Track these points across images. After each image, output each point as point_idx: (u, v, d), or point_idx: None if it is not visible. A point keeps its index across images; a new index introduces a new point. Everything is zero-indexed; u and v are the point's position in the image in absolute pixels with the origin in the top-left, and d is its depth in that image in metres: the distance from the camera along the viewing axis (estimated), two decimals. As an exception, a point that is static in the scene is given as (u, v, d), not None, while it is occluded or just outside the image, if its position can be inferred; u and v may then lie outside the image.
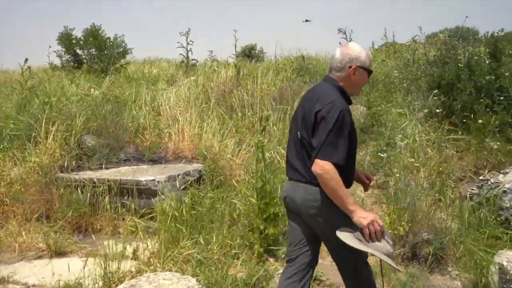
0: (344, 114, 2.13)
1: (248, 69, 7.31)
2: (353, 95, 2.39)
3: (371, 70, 2.35)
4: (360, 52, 2.29)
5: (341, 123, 2.12)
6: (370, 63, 2.32)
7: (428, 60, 6.33)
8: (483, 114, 5.07)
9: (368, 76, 2.32)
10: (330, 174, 2.06)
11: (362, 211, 2.11)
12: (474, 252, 3.48)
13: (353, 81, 2.27)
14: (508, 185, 3.95)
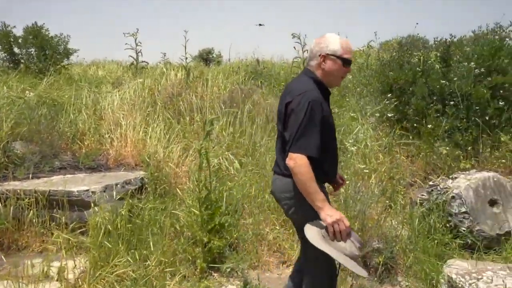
0: (313, 105, 2.11)
1: (199, 72, 7.02)
2: (333, 86, 2.34)
3: (345, 58, 2.23)
4: (332, 40, 2.24)
5: (310, 114, 2.10)
6: (344, 51, 2.23)
7: (382, 63, 6.30)
8: (433, 118, 5.05)
9: (344, 65, 2.23)
10: (302, 168, 2.05)
11: (330, 208, 2.06)
12: (424, 261, 3.37)
13: (326, 70, 2.23)
14: (456, 191, 3.89)
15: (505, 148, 4.65)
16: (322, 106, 2.16)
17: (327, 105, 2.27)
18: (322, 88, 2.25)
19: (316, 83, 2.25)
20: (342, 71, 2.26)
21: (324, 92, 2.27)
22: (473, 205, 3.81)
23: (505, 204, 3.84)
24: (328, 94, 2.32)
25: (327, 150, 2.21)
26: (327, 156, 2.22)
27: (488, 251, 3.70)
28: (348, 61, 2.25)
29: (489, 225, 3.76)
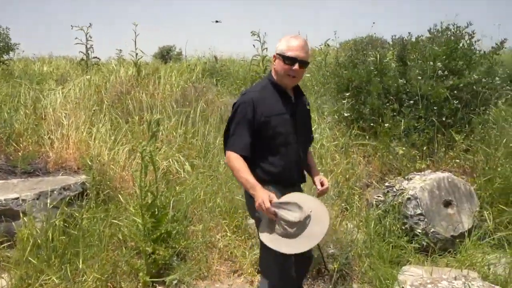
0: (240, 106, 2.28)
1: (152, 69, 6.68)
2: (286, 85, 2.36)
3: (286, 55, 2.27)
4: (282, 40, 2.31)
5: (236, 115, 2.29)
6: (288, 49, 2.27)
7: (338, 61, 6.20)
8: (390, 118, 4.99)
9: (286, 62, 2.27)
10: (231, 163, 2.24)
11: (258, 192, 2.13)
12: (379, 267, 3.25)
13: (275, 70, 2.33)
14: (411, 192, 3.81)
15: (458, 148, 4.64)
16: (255, 107, 2.26)
17: (278, 104, 2.32)
18: (277, 89, 2.34)
19: (272, 84, 2.35)
20: (285, 68, 2.28)
21: (280, 92, 2.33)
22: (428, 207, 3.74)
23: (459, 205, 3.80)
24: (283, 94, 2.34)
25: (267, 150, 2.31)
26: (267, 155, 2.31)
27: (443, 254, 3.64)
28: (288, 58, 2.26)
29: (444, 227, 3.69)
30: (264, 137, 2.30)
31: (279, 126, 2.29)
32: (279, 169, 2.34)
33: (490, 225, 3.50)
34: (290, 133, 2.34)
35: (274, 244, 2.10)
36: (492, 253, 3.32)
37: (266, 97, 2.33)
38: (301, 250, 2.08)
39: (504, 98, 5.02)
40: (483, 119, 4.84)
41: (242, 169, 2.21)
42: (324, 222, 2.14)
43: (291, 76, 2.30)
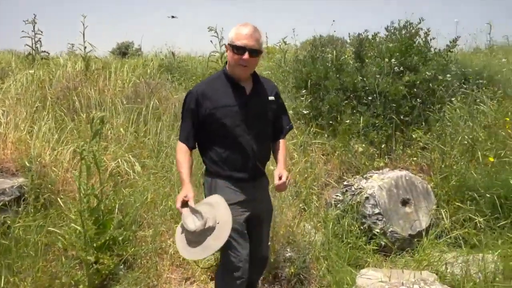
0: (186, 97, 2.33)
1: (102, 63, 6.30)
2: (240, 76, 2.29)
3: (234, 44, 2.19)
4: (232, 29, 2.24)
5: (183, 106, 2.35)
6: (237, 37, 2.19)
7: (297, 58, 6.08)
8: (349, 115, 4.91)
9: (235, 52, 2.20)
10: (176, 153, 2.34)
11: (182, 189, 2.20)
12: (337, 270, 3.13)
13: (228, 60, 2.28)
14: (370, 191, 3.73)
15: (416, 146, 4.62)
16: (200, 99, 2.25)
17: (227, 96, 2.27)
18: (229, 80, 2.30)
19: (225, 76, 2.31)
20: (235, 59, 2.21)
21: (231, 84, 2.28)
22: (386, 206, 3.67)
23: (416, 203, 3.75)
24: (235, 86, 2.29)
25: (213, 142, 2.30)
26: (214, 148, 2.30)
27: (401, 253, 3.58)
28: (237, 47, 2.18)
29: (402, 226, 3.64)
30: (210, 129, 2.29)
31: (225, 118, 2.24)
32: (226, 162, 2.30)
33: (446, 223, 3.47)
34: (237, 126, 2.26)
35: (178, 241, 2.15)
36: (449, 251, 3.28)
37: (214, 88, 2.29)
38: (193, 257, 2.25)
39: (458, 96, 5.05)
40: (439, 116, 4.85)
41: (180, 162, 2.28)
42: (220, 239, 2.09)
43: (242, 66, 2.23)
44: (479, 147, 4.13)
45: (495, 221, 3.41)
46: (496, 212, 3.47)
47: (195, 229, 2.06)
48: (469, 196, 3.65)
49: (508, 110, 4.67)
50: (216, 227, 2.11)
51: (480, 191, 3.59)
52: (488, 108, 4.78)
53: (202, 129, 2.31)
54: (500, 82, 5.66)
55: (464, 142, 4.30)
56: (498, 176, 3.67)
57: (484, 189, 3.56)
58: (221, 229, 2.10)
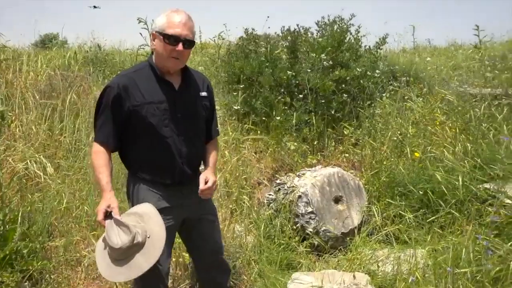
0: (105, 89, 2.00)
1: (13, 54, 5.64)
2: (170, 69, 2.03)
3: (166, 33, 1.91)
4: (161, 15, 1.96)
5: (99, 101, 2.03)
6: (169, 25, 1.92)
7: (230, 51, 5.87)
8: (281, 111, 4.78)
9: (167, 42, 1.91)
10: (91, 156, 2.01)
11: (103, 199, 1.91)
12: (269, 274, 2.97)
13: (156, 50, 1.98)
14: (302, 189, 3.62)
15: (348, 142, 4.61)
16: (122, 94, 1.95)
17: (153, 91, 2.00)
18: (155, 74, 2.02)
19: (150, 68, 2.03)
20: (166, 49, 1.93)
21: (157, 78, 2.01)
22: (319, 204, 3.58)
23: (348, 200, 3.70)
24: (161, 80, 2.02)
25: (137, 143, 2.04)
26: (138, 150, 2.04)
27: (334, 252, 3.50)
28: (169, 36, 1.91)
29: (334, 224, 3.56)
30: (133, 129, 2.01)
31: (150, 116, 1.97)
32: (151, 166, 2.05)
33: (378, 220, 3.44)
34: (164, 126, 2.01)
35: (99, 259, 1.85)
36: (380, 249, 3.25)
37: (138, 82, 1.99)
38: (117, 279, 1.87)
39: (388, 93, 5.13)
40: (369, 113, 4.89)
41: (98, 166, 1.97)
42: (151, 257, 1.81)
43: (174, 58, 1.96)
44: (407, 143, 4.18)
45: (423, 216, 3.43)
46: (424, 207, 3.50)
47: (121, 245, 1.76)
48: (398, 192, 3.66)
49: (434, 107, 4.80)
50: (146, 242, 1.82)
51: (408, 186, 3.60)
52: (415, 104, 4.89)
53: (124, 129, 2.02)
54: (425, 80, 5.86)
55: (393, 138, 4.34)
56: (425, 171, 3.72)
57: (412, 185, 3.58)
58: (152, 245, 1.82)
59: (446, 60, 7.49)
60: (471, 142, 4.10)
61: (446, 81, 6.06)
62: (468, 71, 6.54)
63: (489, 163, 3.68)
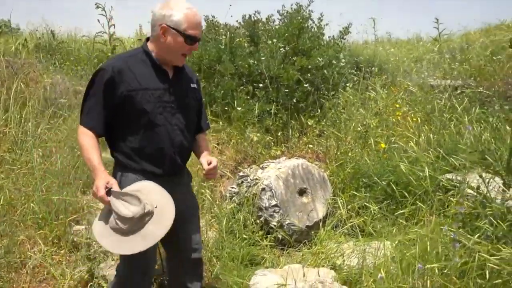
0: (98, 72, 1.93)
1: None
2: (172, 63, 2.01)
3: (189, 35, 1.91)
4: (177, 9, 1.90)
5: (92, 83, 1.95)
6: (189, 25, 1.90)
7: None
8: (244, 101, 4.63)
9: (187, 41, 1.92)
10: (78, 138, 1.94)
11: (97, 176, 1.84)
12: (231, 270, 2.83)
13: (165, 44, 1.92)
14: (266, 182, 3.49)
15: (312, 133, 4.52)
16: (116, 77, 1.89)
17: (148, 78, 1.95)
18: (151, 61, 1.98)
19: (145, 55, 1.99)
20: (185, 48, 1.94)
21: (153, 65, 1.97)
22: (283, 197, 3.46)
23: (313, 192, 3.61)
24: (157, 68, 1.98)
25: (128, 130, 1.96)
26: (128, 136, 1.96)
27: (298, 246, 3.41)
28: (193, 38, 1.93)
29: (299, 217, 3.46)
30: (126, 115, 1.94)
31: (145, 103, 1.93)
32: (141, 155, 1.98)
33: (343, 213, 3.37)
34: (159, 113, 1.97)
35: (105, 238, 1.79)
36: (345, 242, 3.17)
37: (133, 67, 1.95)
38: (130, 251, 1.77)
39: (351, 83, 5.09)
40: (333, 103, 4.82)
41: (87, 147, 1.88)
42: (164, 223, 1.83)
43: (184, 56, 2.00)
44: (371, 134, 4.13)
45: (387, 207, 3.39)
46: (389, 199, 3.46)
47: (134, 214, 1.74)
48: (363, 184, 3.61)
49: (397, 97, 4.80)
50: (155, 212, 1.82)
51: (373, 178, 3.55)
52: (379, 95, 4.86)
53: (114, 114, 1.96)
54: (388, 71, 5.87)
55: (357, 128, 4.29)
56: (389, 162, 3.68)
57: (377, 176, 3.53)
58: (161, 213, 1.83)
59: (408, 53, 7.58)
60: (434, 132, 4.11)
61: (408, 72, 6.11)
62: (429, 63, 6.64)
63: (451, 153, 3.69)
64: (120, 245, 1.78)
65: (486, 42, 6.57)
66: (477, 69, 5.98)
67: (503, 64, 5.80)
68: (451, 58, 6.38)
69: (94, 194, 1.82)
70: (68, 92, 4.95)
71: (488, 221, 2.64)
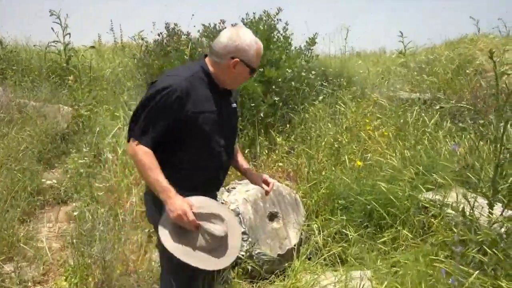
0: (164, 89, 1.83)
1: None
2: (227, 87, 2.04)
3: (255, 68, 2.00)
4: (250, 45, 1.93)
5: (154, 98, 1.84)
6: (257, 60, 1.97)
7: (148, 48, 5.25)
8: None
9: (251, 74, 2.01)
10: (138, 157, 1.84)
11: (174, 200, 1.81)
12: None
13: (232, 74, 1.96)
14: (233, 206, 3.12)
15: (281, 150, 4.21)
16: (184, 97, 1.86)
17: (209, 99, 1.95)
18: (210, 81, 1.98)
19: (205, 74, 1.97)
20: (246, 78, 2.06)
21: (211, 86, 1.98)
22: (252, 222, 3.11)
23: (285, 216, 3.28)
24: (215, 89, 1.99)
25: (184, 150, 1.95)
26: (184, 156, 1.96)
27: (270, 277, 3.05)
28: (255, 70, 2.02)
29: (270, 245, 3.11)
30: (186, 135, 1.93)
31: (205, 125, 1.94)
32: (195, 173, 1.99)
33: (319, 240, 3.05)
34: (214, 136, 1.99)
35: (189, 258, 1.80)
36: (322, 272, 2.85)
37: (196, 87, 1.92)
38: (222, 265, 1.90)
39: (321, 95, 4.84)
40: (301, 117, 4.55)
41: (153, 168, 1.83)
42: (237, 234, 2.02)
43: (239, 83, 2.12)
44: (344, 151, 3.87)
45: (365, 232, 3.11)
46: (366, 221, 3.19)
47: (224, 232, 1.88)
48: (339, 205, 3.31)
49: (367, 111, 4.58)
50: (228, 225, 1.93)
51: (350, 199, 3.27)
52: (348, 109, 4.64)
53: (175, 134, 1.92)
54: (357, 83, 5.69)
55: (328, 145, 4.02)
56: (365, 182, 3.41)
57: (354, 197, 3.25)
58: (232, 226, 1.96)
59: (374, 65, 7.49)
60: (408, 148, 3.90)
61: (376, 85, 5.96)
62: (395, 76, 6.54)
63: (429, 170, 3.48)
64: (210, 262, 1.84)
65: (452, 56, 6.54)
66: (445, 82, 5.91)
67: (471, 77, 5.75)
68: (418, 71, 6.30)
69: (180, 218, 1.79)
70: (9, 106, 4.43)
71: (477, 249, 2.42)
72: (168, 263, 1.98)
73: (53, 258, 2.98)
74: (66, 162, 4.16)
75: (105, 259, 2.37)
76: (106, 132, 4.23)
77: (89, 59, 6.93)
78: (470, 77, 5.72)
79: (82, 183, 3.65)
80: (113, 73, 6.95)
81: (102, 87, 6.13)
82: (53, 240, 3.24)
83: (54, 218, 3.55)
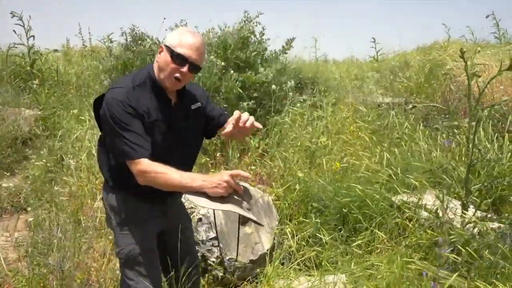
0: (117, 104, 1.76)
1: None
2: (167, 87, 1.87)
3: (176, 52, 1.79)
4: (180, 32, 1.87)
5: (116, 116, 1.76)
6: (179, 44, 1.79)
7: (111, 52, 5.08)
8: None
9: (174, 60, 1.79)
10: (152, 174, 1.75)
11: (210, 180, 1.77)
12: None
13: (158, 63, 1.85)
14: (203, 211, 2.99)
15: (254, 153, 4.10)
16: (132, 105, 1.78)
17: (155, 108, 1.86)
18: (156, 88, 1.88)
19: (151, 81, 1.88)
20: (172, 68, 1.81)
21: (158, 93, 1.88)
22: (223, 228, 2.98)
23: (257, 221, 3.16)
24: (162, 96, 1.89)
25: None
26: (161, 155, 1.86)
27: (242, 284, 2.93)
28: (178, 55, 1.80)
29: (242, 251, 2.99)
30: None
31: (156, 134, 1.86)
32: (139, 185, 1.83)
33: (292, 244, 2.94)
34: (164, 144, 1.89)
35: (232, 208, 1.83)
36: (296, 278, 2.74)
37: (141, 97, 1.83)
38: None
39: (297, 100, 4.78)
40: (276, 121, 4.47)
41: (167, 173, 1.76)
42: None
43: (175, 79, 1.83)
44: (321, 153, 3.80)
45: (339, 235, 3.03)
46: (340, 224, 3.11)
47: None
48: (313, 208, 3.22)
49: (345, 115, 4.55)
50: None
51: (324, 201, 3.19)
52: (326, 113, 4.59)
53: None
54: (333, 88, 5.67)
55: (304, 148, 3.95)
56: (340, 184, 3.34)
57: (328, 199, 3.17)
58: None
59: (347, 71, 7.52)
60: (385, 151, 3.87)
61: (352, 91, 5.96)
62: (370, 81, 6.57)
63: (404, 172, 3.45)
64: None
65: (424, 61, 6.62)
66: (417, 86, 5.97)
67: (441, 82, 5.82)
68: (392, 76, 6.35)
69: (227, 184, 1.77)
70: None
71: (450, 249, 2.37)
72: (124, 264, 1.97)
73: (9, 270, 2.77)
74: (26, 167, 3.93)
75: (63, 269, 2.19)
76: (70, 136, 4.03)
77: (55, 63, 6.69)
78: (440, 82, 5.79)
79: (43, 189, 3.45)
80: (80, 77, 6.72)
81: (68, 91, 5.91)
82: (10, 250, 3.02)
83: (12, 227, 3.32)
